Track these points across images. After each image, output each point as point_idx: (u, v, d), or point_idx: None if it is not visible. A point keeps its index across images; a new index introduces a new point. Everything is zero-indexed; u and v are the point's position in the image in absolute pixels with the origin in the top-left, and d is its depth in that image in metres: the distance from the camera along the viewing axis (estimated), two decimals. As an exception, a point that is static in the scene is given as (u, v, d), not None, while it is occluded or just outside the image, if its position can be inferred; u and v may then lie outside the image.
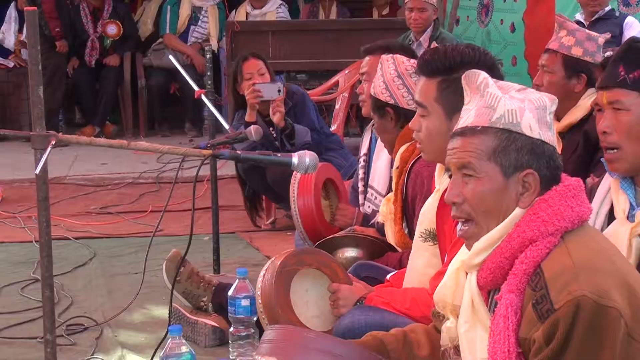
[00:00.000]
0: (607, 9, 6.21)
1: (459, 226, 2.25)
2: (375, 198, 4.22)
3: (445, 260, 3.00)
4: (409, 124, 3.13)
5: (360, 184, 4.50)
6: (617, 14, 6.34)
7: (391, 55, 3.75)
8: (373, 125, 4.43)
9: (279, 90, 5.45)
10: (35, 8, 2.92)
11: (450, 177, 2.24)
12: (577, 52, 3.90)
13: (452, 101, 2.84)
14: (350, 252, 3.83)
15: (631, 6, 7.30)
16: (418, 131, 2.99)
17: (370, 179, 4.34)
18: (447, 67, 2.89)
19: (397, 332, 2.56)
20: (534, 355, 2.03)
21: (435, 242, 3.12)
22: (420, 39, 6.54)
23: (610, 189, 2.74)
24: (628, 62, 2.65)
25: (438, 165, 3.18)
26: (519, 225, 2.13)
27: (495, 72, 2.63)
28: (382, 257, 3.75)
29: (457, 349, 2.31)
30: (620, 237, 2.58)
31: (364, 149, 4.54)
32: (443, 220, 3.03)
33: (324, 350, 2.37)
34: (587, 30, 3.97)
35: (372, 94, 3.76)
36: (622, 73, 2.64)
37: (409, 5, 6.53)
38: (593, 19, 6.14)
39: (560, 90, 3.89)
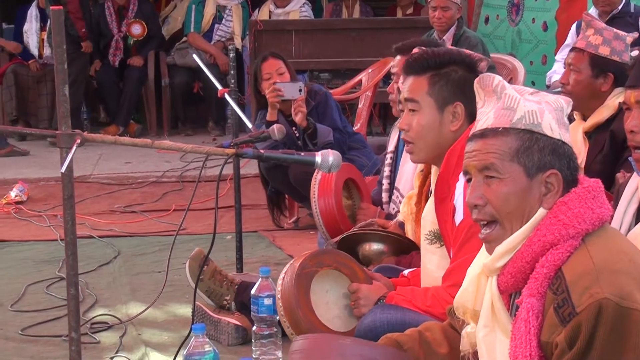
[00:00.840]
0: (620, 7, 6.19)
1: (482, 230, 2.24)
2: (400, 201, 4.22)
3: (451, 255, 3.02)
4: (399, 124, 3.21)
5: (385, 182, 4.50)
6: (632, 9, 6.30)
7: None
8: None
9: (300, 90, 5.45)
10: (61, 7, 2.93)
11: (468, 180, 2.24)
12: (604, 51, 3.88)
13: (443, 94, 3.03)
14: (376, 246, 3.84)
15: None
16: (407, 131, 3.07)
17: (397, 180, 4.33)
18: (437, 64, 3.06)
19: (412, 332, 2.56)
20: (557, 359, 2.02)
21: (441, 244, 3.14)
22: (444, 37, 6.53)
23: (638, 188, 2.73)
24: None
25: (433, 169, 3.20)
26: (540, 228, 2.12)
27: (477, 74, 2.67)
28: (406, 254, 3.76)
29: (476, 354, 2.30)
30: None
31: (391, 146, 4.54)
32: (444, 219, 3.06)
33: (363, 355, 2.36)
34: (615, 29, 3.94)
35: None
36: None
37: (432, 4, 6.52)
38: (608, 18, 6.11)
39: (586, 89, 3.88)
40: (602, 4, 6.15)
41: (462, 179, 2.79)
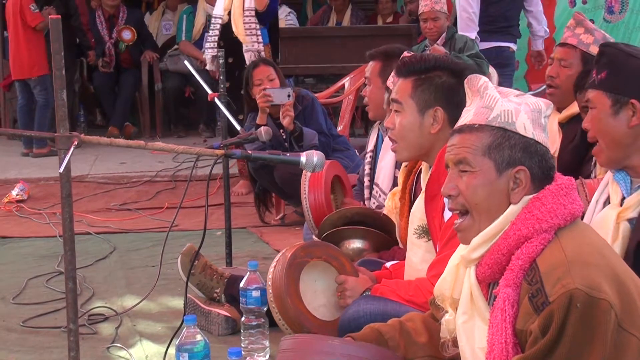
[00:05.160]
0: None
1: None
2: (380, 196, 4.23)
3: (437, 249, 3.02)
4: (384, 122, 3.21)
5: (365, 179, 4.52)
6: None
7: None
8: (380, 124, 4.44)
9: (289, 95, 5.45)
10: (60, 16, 2.90)
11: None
12: (594, 50, 3.86)
13: (424, 98, 3.03)
14: (356, 244, 3.83)
15: (614, 14, 7.29)
16: (392, 129, 3.08)
17: (376, 176, 4.34)
18: (422, 69, 3.06)
19: (393, 322, 2.56)
20: (531, 345, 2.03)
21: (429, 238, 3.13)
22: (438, 41, 6.52)
23: (609, 181, 2.76)
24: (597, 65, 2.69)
25: (423, 166, 3.20)
26: (515, 223, 2.13)
27: (462, 79, 2.68)
28: (387, 250, 3.75)
29: (455, 341, 2.31)
30: (608, 219, 2.61)
31: (370, 146, 4.56)
32: (432, 215, 3.06)
33: (351, 354, 2.36)
34: (603, 32, 3.94)
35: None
36: (594, 75, 2.68)
37: (422, 16, 6.52)
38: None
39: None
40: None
41: None
